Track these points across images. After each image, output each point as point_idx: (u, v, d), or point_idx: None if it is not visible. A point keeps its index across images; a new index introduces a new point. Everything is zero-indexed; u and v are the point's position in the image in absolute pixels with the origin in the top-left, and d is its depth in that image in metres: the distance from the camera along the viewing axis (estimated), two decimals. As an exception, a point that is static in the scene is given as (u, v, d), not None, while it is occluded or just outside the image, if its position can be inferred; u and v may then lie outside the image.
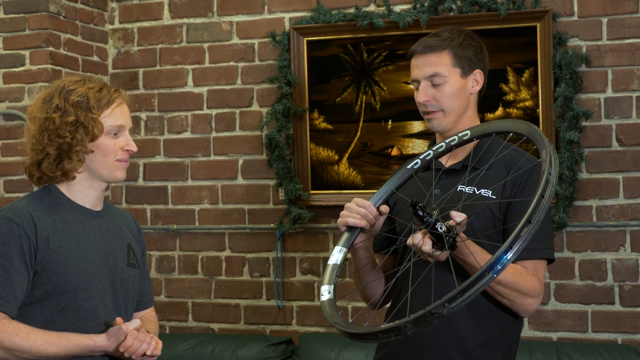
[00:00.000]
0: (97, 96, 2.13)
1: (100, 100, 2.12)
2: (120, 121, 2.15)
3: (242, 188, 4.02)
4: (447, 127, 2.23)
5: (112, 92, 2.16)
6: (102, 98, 2.13)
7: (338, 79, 3.83)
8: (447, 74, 2.19)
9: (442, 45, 2.19)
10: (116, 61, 4.22)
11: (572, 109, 3.46)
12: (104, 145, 2.14)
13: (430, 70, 2.19)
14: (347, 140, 3.83)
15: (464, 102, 2.23)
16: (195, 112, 4.09)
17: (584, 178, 3.54)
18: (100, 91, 2.14)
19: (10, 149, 3.89)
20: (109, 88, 2.17)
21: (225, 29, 4.05)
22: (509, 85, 3.58)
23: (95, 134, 2.12)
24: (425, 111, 2.23)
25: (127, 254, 2.28)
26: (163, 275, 4.14)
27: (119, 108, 2.16)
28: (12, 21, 3.89)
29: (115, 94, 2.16)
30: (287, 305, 3.96)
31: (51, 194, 2.17)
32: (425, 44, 2.21)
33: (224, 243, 4.05)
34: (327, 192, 3.86)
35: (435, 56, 2.19)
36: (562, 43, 3.52)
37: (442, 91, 2.19)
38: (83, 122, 2.10)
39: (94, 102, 2.12)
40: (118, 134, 2.16)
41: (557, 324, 3.59)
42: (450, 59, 2.19)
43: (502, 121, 2.04)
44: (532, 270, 2.15)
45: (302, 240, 3.93)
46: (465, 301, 1.56)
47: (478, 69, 2.24)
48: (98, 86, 2.16)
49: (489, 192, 2.17)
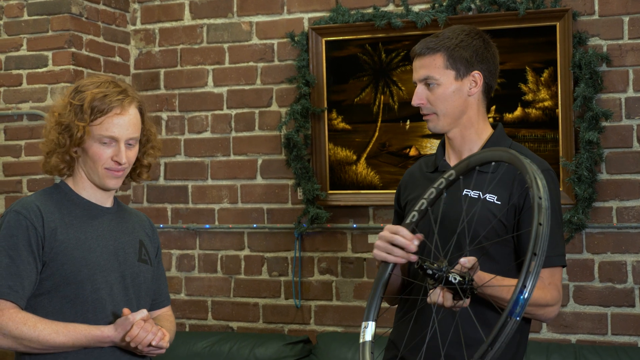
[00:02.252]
0: (95, 103, 2.11)
1: (96, 107, 2.11)
2: (112, 132, 2.12)
3: (261, 188, 4.04)
4: (444, 129, 2.22)
5: (112, 101, 2.12)
6: (98, 105, 2.11)
7: (356, 79, 3.83)
8: (439, 76, 2.18)
9: (437, 47, 2.18)
10: (138, 62, 4.26)
11: (591, 109, 3.42)
12: (91, 151, 2.14)
13: (423, 72, 2.19)
14: (365, 141, 3.82)
15: (460, 104, 2.20)
16: (215, 112, 4.12)
17: (604, 179, 3.50)
18: (103, 98, 2.12)
19: (33, 149, 3.94)
20: (115, 95, 2.14)
21: (245, 30, 4.06)
22: (528, 85, 3.55)
23: (79, 139, 2.11)
24: (421, 113, 2.23)
25: (139, 250, 2.29)
26: (183, 274, 4.17)
27: (116, 118, 2.13)
28: (36, 23, 3.95)
29: (116, 102, 2.13)
30: (305, 305, 3.97)
31: (60, 190, 2.21)
32: (422, 45, 2.20)
33: (243, 242, 4.07)
34: (345, 192, 3.86)
35: (428, 58, 2.18)
36: (582, 42, 3.48)
37: (435, 94, 2.19)
38: (69, 126, 2.11)
39: (87, 108, 2.10)
40: (109, 143, 2.13)
41: (576, 327, 3.55)
42: (442, 61, 2.18)
43: (481, 152, 1.97)
44: (548, 280, 2.14)
45: (320, 240, 3.93)
46: (497, 352, 1.57)
47: (477, 70, 2.21)
48: (104, 92, 2.13)
49: (494, 197, 2.15)
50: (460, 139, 2.24)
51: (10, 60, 3.99)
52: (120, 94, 2.14)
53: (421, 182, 2.31)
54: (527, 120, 3.55)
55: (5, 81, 4.00)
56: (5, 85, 4.00)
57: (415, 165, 2.43)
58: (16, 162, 3.97)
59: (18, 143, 3.97)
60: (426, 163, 2.37)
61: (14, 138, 3.98)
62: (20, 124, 3.97)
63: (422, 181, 2.30)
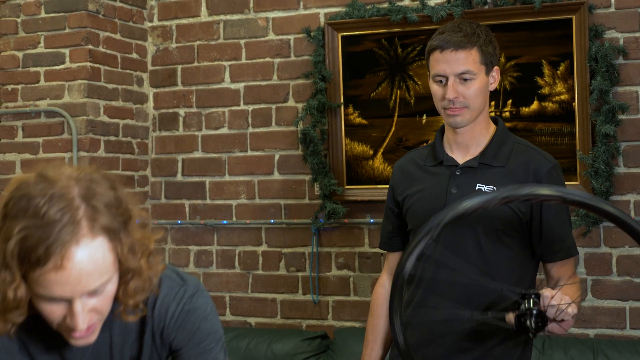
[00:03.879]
0: (24, 247, 1.31)
1: (26, 256, 1.31)
2: (53, 292, 1.34)
3: (278, 183, 4.05)
4: (468, 123, 2.23)
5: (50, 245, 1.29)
6: (29, 251, 1.30)
7: (372, 73, 3.83)
8: (477, 71, 2.19)
9: (472, 42, 2.18)
10: (155, 58, 4.28)
11: (608, 102, 3.40)
12: (39, 308, 1.39)
13: (461, 67, 2.17)
14: (381, 135, 3.82)
15: (485, 100, 2.25)
16: (232, 108, 4.13)
17: (621, 172, 3.48)
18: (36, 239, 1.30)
19: (51, 146, 3.98)
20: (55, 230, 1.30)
21: (261, 25, 4.07)
22: (544, 78, 3.54)
23: (12, 305, 1.36)
24: (449, 107, 2.20)
25: None
26: (201, 270, 4.19)
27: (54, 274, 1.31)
28: (53, 20, 3.97)
29: (54, 247, 1.29)
30: (323, 300, 3.97)
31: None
32: (454, 39, 2.18)
33: (261, 238, 4.08)
34: (362, 187, 3.86)
35: (465, 52, 2.17)
36: (598, 35, 3.46)
37: (470, 88, 2.18)
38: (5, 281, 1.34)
39: (14, 256, 1.32)
40: (60, 301, 1.36)
41: (594, 321, 3.54)
42: (479, 56, 2.19)
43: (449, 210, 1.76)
44: (572, 268, 2.25)
45: (337, 235, 3.94)
46: None
47: (496, 65, 2.26)
48: (38, 226, 1.30)
49: None
50: (470, 134, 2.26)
51: (28, 58, 4.03)
52: (66, 227, 1.31)
53: (420, 175, 2.31)
54: (544, 113, 3.54)
55: (23, 78, 4.03)
56: (23, 83, 4.04)
57: (405, 159, 2.42)
58: (34, 159, 4.01)
59: (36, 140, 4.00)
60: (420, 156, 2.36)
61: (32, 135, 4.01)
62: (38, 121, 4.00)
63: (422, 174, 2.30)
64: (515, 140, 2.28)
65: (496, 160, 2.22)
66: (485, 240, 2.17)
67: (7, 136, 4.07)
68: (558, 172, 2.24)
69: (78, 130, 3.89)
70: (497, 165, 2.21)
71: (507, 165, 2.21)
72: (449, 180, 2.23)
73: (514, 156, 2.23)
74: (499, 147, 2.24)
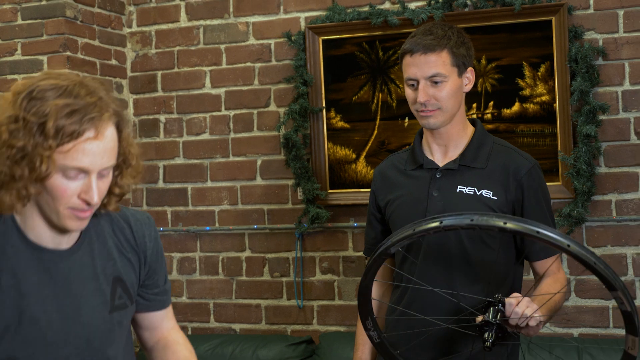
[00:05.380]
0: (62, 122, 1.50)
1: (63, 129, 1.50)
2: (82, 162, 1.53)
3: (260, 188, 4.04)
4: (442, 124, 2.25)
5: (84, 120, 1.52)
6: (67, 125, 1.51)
7: (354, 77, 3.83)
8: (448, 73, 2.20)
9: (442, 45, 2.19)
10: (134, 64, 4.25)
11: (588, 103, 3.43)
12: (51, 187, 1.55)
13: (431, 70, 2.19)
14: (364, 139, 3.83)
15: (459, 101, 2.26)
16: (214, 114, 4.11)
17: (603, 172, 3.51)
18: (72, 115, 1.51)
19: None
20: (86, 109, 1.53)
21: (241, 30, 4.06)
22: (525, 80, 3.56)
23: (41, 173, 1.52)
24: (422, 110, 2.23)
25: (112, 295, 1.75)
26: (184, 277, 4.17)
27: (89, 144, 1.53)
28: (30, 27, 3.94)
29: (89, 122, 1.53)
30: (308, 305, 3.97)
31: (3, 230, 1.64)
32: (424, 42, 2.20)
33: (244, 243, 4.07)
34: (345, 191, 3.86)
35: (435, 55, 2.19)
36: (578, 36, 3.49)
37: (442, 91, 2.20)
38: (30, 154, 1.51)
39: (51, 130, 1.50)
40: (76, 177, 1.56)
41: (577, 320, 3.56)
42: (449, 59, 2.20)
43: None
44: (556, 265, 2.25)
45: (321, 239, 3.93)
46: None
47: (470, 66, 2.27)
48: (72, 106, 1.52)
49: (490, 193, 2.19)
50: (448, 135, 2.27)
51: (5, 65, 3.99)
52: (94, 108, 1.55)
53: (401, 179, 2.32)
54: (525, 115, 3.56)
55: (1, 86, 3.99)
56: (0, 91, 3.99)
57: (386, 164, 2.44)
58: (14, 168, 3.96)
59: (16, 148, 3.96)
60: (400, 160, 2.38)
61: (12, 143, 3.96)
62: (18, 129, 3.95)
63: (403, 179, 2.32)
64: (495, 141, 2.31)
65: (476, 162, 2.24)
66: (468, 242, 2.18)
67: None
68: (537, 172, 2.26)
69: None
70: (477, 166, 2.23)
71: (487, 167, 2.23)
72: (429, 184, 2.25)
73: (493, 157, 2.25)
74: (478, 149, 2.26)
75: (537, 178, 2.25)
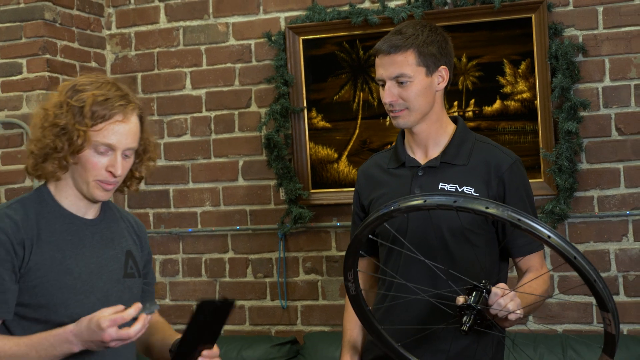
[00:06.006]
0: (96, 107, 1.92)
1: (97, 112, 1.92)
2: (110, 140, 1.93)
3: (243, 189, 4.02)
4: (413, 124, 2.25)
5: (114, 106, 1.93)
6: (100, 109, 1.92)
7: (335, 77, 3.82)
8: (412, 74, 2.19)
9: (407, 45, 2.18)
10: (114, 66, 4.23)
11: (569, 100, 3.44)
12: (85, 160, 1.94)
13: (395, 70, 2.19)
14: (345, 138, 3.82)
15: (430, 100, 2.23)
16: (194, 115, 4.09)
17: (584, 169, 3.52)
18: (105, 102, 1.93)
19: (10, 158, 3.90)
20: (117, 100, 1.95)
21: (221, 31, 4.05)
22: (506, 77, 3.56)
23: (78, 146, 1.92)
24: (390, 110, 2.23)
25: (125, 264, 2.10)
26: (167, 279, 4.15)
27: (118, 125, 1.93)
28: (8, 30, 3.90)
29: (118, 107, 1.93)
30: (292, 305, 3.95)
31: (41, 199, 2.01)
32: (389, 43, 2.20)
33: (227, 245, 4.05)
34: (328, 191, 3.85)
35: (400, 56, 2.19)
36: (557, 33, 3.49)
37: (407, 91, 2.20)
38: (69, 131, 1.92)
39: (88, 112, 1.92)
40: (105, 152, 1.95)
41: (561, 317, 3.57)
42: (414, 59, 2.19)
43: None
44: (539, 261, 2.25)
45: (304, 239, 3.92)
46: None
47: (443, 64, 2.24)
48: (105, 95, 1.94)
49: (472, 190, 2.19)
50: (426, 134, 2.27)
51: (-15, 69, 3.96)
52: (122, 99, 1.96)
53: (384, 178, 2.32)
54: (507, 112, 3.56)
55: (-19, 90, 3.96)
56: (-22, 95, 3.96)
57: (369, 163, 2.44)
58: (-6, 172, 3.94)
59: (-5, 152, 3.94)
60: (383, 159, 2.38)
61: (-9, 147, 3.94)
62: (-3, 133, 3.94)
63: (386, 177, 2.32)
64: (476, 138, 2.30)
65: (457, 159, 2.24)
66: (450, 239, 2.18)
67: (-36, 149, 3.99)
68: (519, 168, 2.26)
69: (38, 141, 3.82)
70: (459, 163, 2.23)
71: (469, 163, 2.23)
72: (411, 181, 2.25)
73: (475, 154, 2.24)
74: (459, 146, 2.26)
75: (519, 174, 2.24)
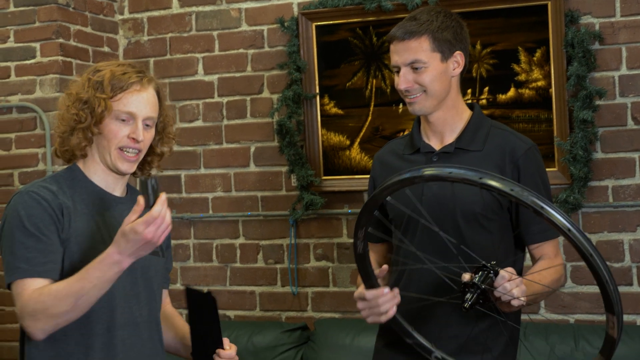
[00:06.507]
0: (115, 79, 2.05)
1: (116, 83, 2.05)
2: (130, 107, 2.04)
3: (254, 175, 4.01)
4: (429, 110, 2.23)
5: (132, 77, 2.06)
6: (118, 81, 2.05)
7: (348, 63, 3.80)
8: (427, 59, 2.17)
9: (421, 30, 2.17)
10: (127, 51, 4.22)
11: (585, 88, 3.40)
12: (108, 129, 2.05)
13: (410, 56, 2.17)
14: (358, 125, 3.80)
15: (446, 86, 2.22)
16: (207, 101, 4.08)
17: (599, 158, 3.49)
18: (122, 75, 2.06)
19: (23, 141, 3.91)
20: (134, 73, 2.08)
21: (234, 16, 4.03)
22: (521, 65, 3.53)
23: (99, 114, 2.03)
24: (407, 96, 2.22)
25: None
26: (179, 264, 4.15)
27: (136, 94, 2.05)
28: (22, 14, 3.90)
29: (135, 78, 2.06)
30: (302, 292, 3.95)
31: (73, 176, 2.11)
32: (404, 29, 2.18)
33: (238, 230, 4.05)
34: (340, 178, 3.84)
35: (414, 42, 2.17)
36: (574, 21, 3.45)
37: (422, 76, 2.18)
38: (91, 102, 2.04)
39: (107, 83, 2.04)
40: (127, 121, 2.05)
41: (574, 307, 3.55)
42: (429, 44, 2.17)
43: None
44: (553, 250, 2.23)
45: (315, 226, 3.91)
46: None
47: (458, 50, 2.23)
48: (123, 70, 2.08)
49: None
50: (442, 121, 2.25)
51: (-2, 53, 3.96)
52: (139, 73, 2.09)
53: (399, 164, 2.30)
54: (521, 100, 3.53)
55: (-6, 74, 3.97)
56: (-11, 79, 3.97)
57: (384, 150, 2.43)
58: (7, 155, 3.94)
59: (8, 136, 3.94)
60: (398, 146, 2.37)
61: (4, 131, 3.94)
62: (10, 116, 3.93)
63: (401, 163, 2.30)
64: (492, 125, 2.29)
65: (472, 145, 2.22)
66: (464, 225, 2.17)
67: (-22, 132, 4.00)
68: (535, 154, 2.24)
69: (51, 126, 3.83)
70: (474, 149, 2.21)
71: (484, 149, 2.21)
72: None
73: (490, 140, 2.23)
74: (475, 132, 2.24)
75: (535, 160, 2.22)
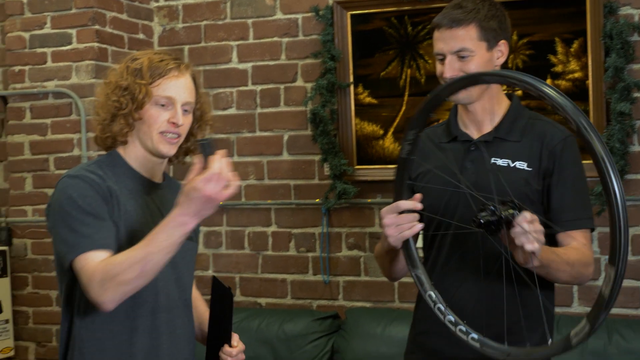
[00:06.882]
0: (153, 66, 2.09)
1: (155, 70, 2.08)
2: (169, 92, 2.08)
3: (287, 164, 4.02)
4: (474, 99, 2.20)
5: (170, 64, 2.10)
6: (157, 67, 2.09)
7: (382, 52, 3.79)
8: (474, 48, 2.15)
9: (469, 19, 2.14)
10: (162, 38, 4.24)
11: (623, 80, 3.36)
12: (148, 114, 2.09)
13: (457, 44, 2.14)
14: (392, 115, 3.79)
15: None
16: (240, 88, 4.09)
17: (636, 151, 3.45)
18: (160, 62, 2.10)
19: (59, 127, 3.95)
20: (171, 60, 2.12)
21: (268, 4, 4.03)
22: (558, 56, 3.49)
23: (140, 100, 2.07)
24: None
25: None
26: (211, 250, 4.18)
27: (174, 80, 2.10)
28: (59, 0, 3.93)
29: (173, 64, 2.10)
30: (334, 280, 3.96)
31: (114, 161, 2.14)
32: (450, 16, 2.16)
33: (270, 218, 4.06)
34: (373, 167, 3.84)
35: (461, 30, 2.14)
36: (612, 12, 3.41)
37: (468, 65, 2.15)
38: (131, 88, 2.08)
39: (146, 70, 2.08)
40: (166, 106, 2.09)
41: (607, 300, 3.52)
42: (476, 33, 2.15)
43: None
44: (583, 240, 2.17)
45: (347, 215, 3.92)
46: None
47: (503, 39, 2.20)
48: (161, 57, 2.12)
49: (524, 164, 2.16)
50: (482, 110, 2.23)
51: (35, 39, 3.99)
52: (176, 60, 2.13)
53: (434, 152, 2.29)
54: (557, 92, 3.50)
55: (30, 60, 4.00)
56: (30, 64, 4.00)
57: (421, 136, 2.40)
58: (43, 141, 3.98)
59: (44, 121, 3.98)
60: (434, 133, 2.34)
61: (40, 116, 3.98)
62: (46, 102, 3.97)
63: (437, 151, 2.28)
64: (530, 115, 2.26)
65: (511, 135, 2.20)
66: None
67: (15, 117, 4.04)
68: (572, 144, 2.19)
69: (86, 111, 3.86)
70: (512, 139, 2.19)
71: (522, 140, 2.19)
72: (463, 156, 2.21)
73: (528, 130, 2.21)
74: (513, 122, 2.22)
75: (571, 150, 2.19)
